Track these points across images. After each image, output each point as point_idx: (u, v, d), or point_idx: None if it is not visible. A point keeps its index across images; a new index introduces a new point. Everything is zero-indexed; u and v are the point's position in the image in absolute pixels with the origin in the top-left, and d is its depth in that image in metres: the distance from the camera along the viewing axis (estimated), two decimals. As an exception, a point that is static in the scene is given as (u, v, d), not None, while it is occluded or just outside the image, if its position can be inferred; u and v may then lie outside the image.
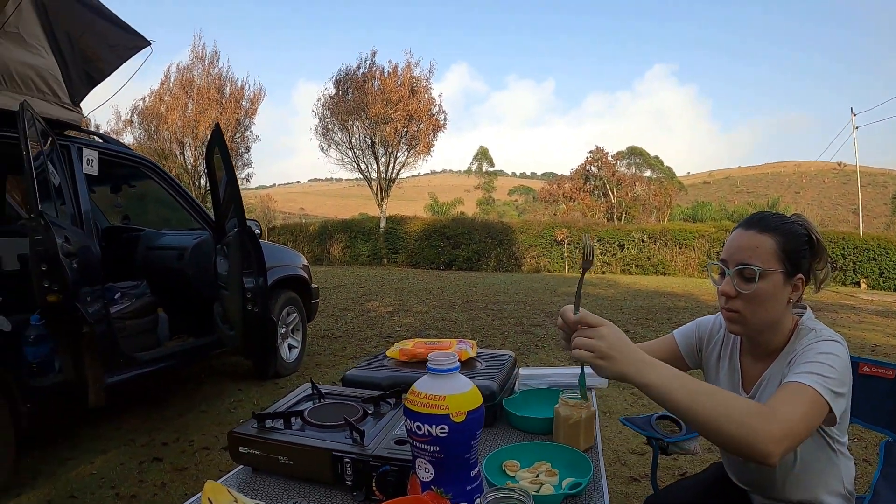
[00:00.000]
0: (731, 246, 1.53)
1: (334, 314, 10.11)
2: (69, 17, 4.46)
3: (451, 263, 23.21)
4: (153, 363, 4.53)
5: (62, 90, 4.48)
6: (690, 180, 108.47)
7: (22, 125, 3.35)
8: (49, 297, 3.30)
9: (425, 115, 26.58)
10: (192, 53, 26.62)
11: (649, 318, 9.87)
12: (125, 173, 5.84)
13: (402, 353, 2.05)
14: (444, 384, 1.07)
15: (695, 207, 51.26)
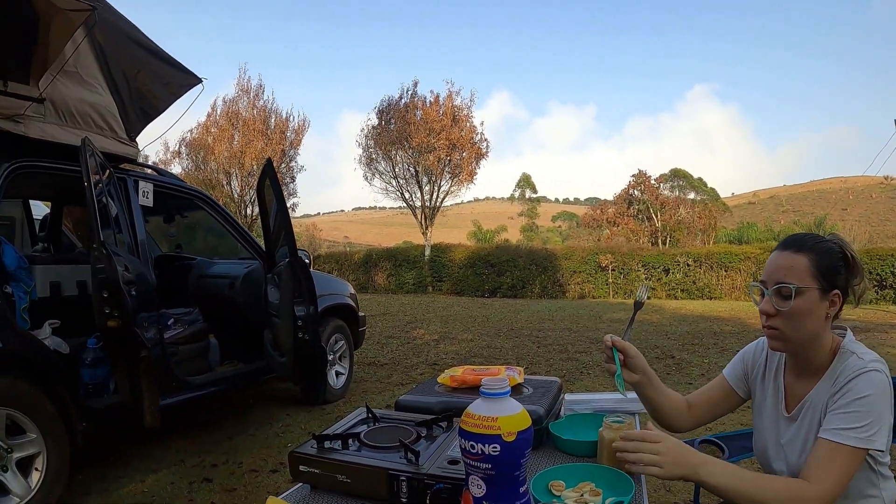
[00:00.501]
0: (769, 267, 1.60)
1: (380, 341, 10.19)
2: (125, 56, 4.66)
3: (496, 291, 23.15)
4: (204, 387, 4.70)
5: (119, 126, 4.68)
6: (735, 201, 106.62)
7: (84, 160, 3.51)
8: (109, 323, 3.43)
9: (468, 144, 26.73)
10: (238, 86, 27.22)
11: (695, 343, 9.75)
12: (178, 204, 6.05)
13: (452, 380, 2.12)
14: (496, 407, 1.13)
15: (740, 229, 50.21)
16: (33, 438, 3.45)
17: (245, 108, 26.83)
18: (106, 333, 3.52)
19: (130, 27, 4.60)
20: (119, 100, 4.68)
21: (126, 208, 4.41)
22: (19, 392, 3.43)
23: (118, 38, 4.53)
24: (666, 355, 8.65)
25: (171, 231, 7.03)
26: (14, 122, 3.93)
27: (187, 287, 5.79)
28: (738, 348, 8.93)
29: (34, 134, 4.05)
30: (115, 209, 4.06)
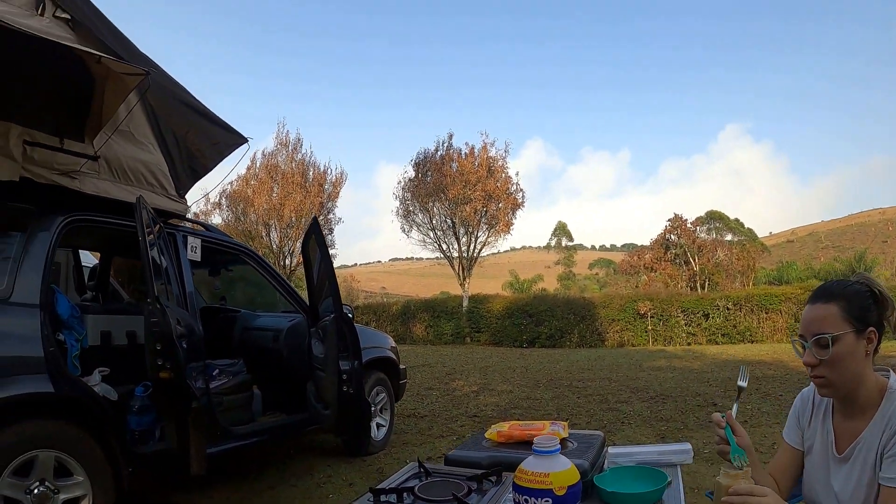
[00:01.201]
0: (805, 321, 1.69)
1: (420, 393, 10.18)
2: (175, 116, 4.85)
3: (534, 341, 22.98)
4: (247, 437, 4.76)
5: (169, 183, 4.85)
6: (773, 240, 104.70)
7: (139, 217, 3.66)
8: (162, 374, 3.54)
9: (503, 195, 26.85)
10: (277, 140, 27.73)
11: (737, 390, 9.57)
12: (224, 258, 6.19)
13: (499, 435, 2.17)
14: (548, 463, 1.19)
15: (779, 269, 49.28)
16: (80, 481, 3.55)
17: (284, 162, 27.30)
18: (158, 383, 3.62)
19: (179, 88, 4.79)
20: (169, 158, 4.86)
21: (175, 262, 4.55)
22: (68, 436, 3.54)
23: (168, 98, 4.71)
24: (707, 403, 8.51)
25: (216, 284, 7.20)
26: (70, 178, 4.10)
27: (232, 339, 5.92)
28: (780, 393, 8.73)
29: (89, 189, 4.22)
30: (166, 263, 4.19)
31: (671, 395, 9.18)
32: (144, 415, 4.25)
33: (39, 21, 3.63)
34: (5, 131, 3.74)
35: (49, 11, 3.74)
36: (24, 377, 3.42)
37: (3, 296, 3.51)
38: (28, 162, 3.88)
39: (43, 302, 3.65)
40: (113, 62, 3.71)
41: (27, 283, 3.62)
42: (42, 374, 3.49)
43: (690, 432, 6.68)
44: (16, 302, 3.54)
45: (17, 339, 3.49)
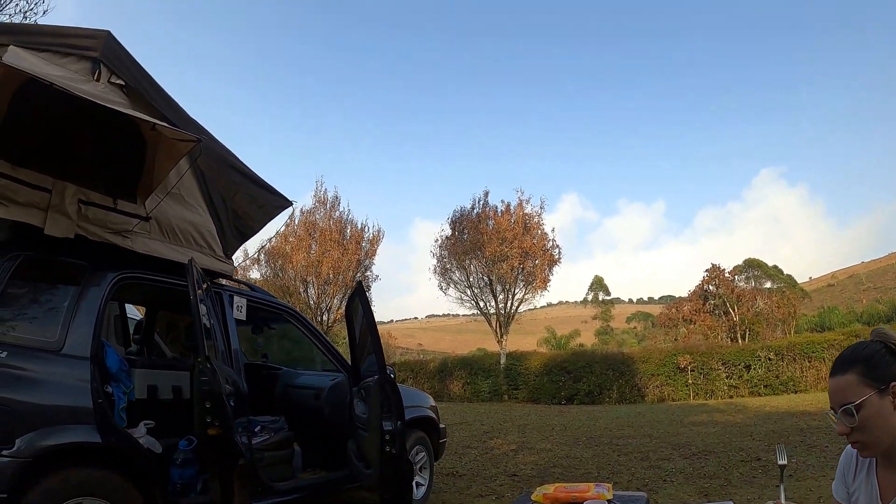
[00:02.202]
0: (830, 394, 1.78)
1: (458, 451, 10.12)
2: (222, 180, 5.03)
3: (573, 398, 22.65)
4: (288, 493, 4.83)
5: (217, 244, 5.01)
6: (813, 285, 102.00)
7: (191, 278, 3.79)
8: (210, 431, 3.61)
9: (540, 251, 26.86)
10: (315, 198, 28.09)
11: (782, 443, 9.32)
12: (268, 318, 6.32)
13: (545, 497, 2.20)
14: None
15: (821, 314, 47.95)
16: None
17: (322, 219, 27.60)
18: (205, 439, 3.69)
19: (227, 153, 4.98)
20: (217, 220, 5.03)
21: (222, 320, 4.68)
22: (113, 485, 3.65)
23: (216, 162, 4.90)
24: (751, 458, 8.33)
25: (259, 341, 7.32)
26: (122, 237, 4.28)
27: (273, 395, 6.00)
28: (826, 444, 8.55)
29: (140, 249, 4.38)
30: (213, 322, 4.31)
31: (714, 451, 9.01)
32: (187, 468, 4.34)
33: (95, 87, 3.85)
34: (62, 190, 3.92)
35: (104, 77, 3.96)
36: (73, 426, 3.56)
37: (56, 347, 3.66)
38: (83, 220, 4.06)
39: (93, 355, 3.78)
40: (167, 129, 3.89)
41: (79, 336, 3.76)
42: (90, 425, 3.62)
43: (734, 489, 6.55)
44: (67, 354, 3.69)
45: (68, 390, 3.63)
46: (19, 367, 3.49)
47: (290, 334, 8.51)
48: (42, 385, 3.54)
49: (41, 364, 3.59)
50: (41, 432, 3.38)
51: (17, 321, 3.71)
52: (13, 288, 3.73)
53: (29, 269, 3.83)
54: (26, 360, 3.54)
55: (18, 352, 3.53)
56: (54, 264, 4.02)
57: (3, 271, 3.66)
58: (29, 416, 3.39)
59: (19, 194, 3.75)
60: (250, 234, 5.52)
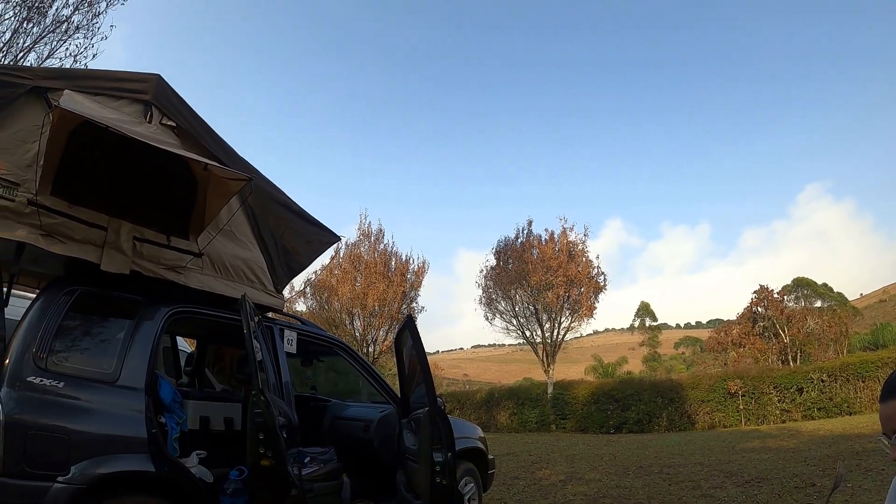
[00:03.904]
0: (882, 419, 1.76)
1: (506, 482, 10.06)
2: (272, 216, 5.17)
3: (621, 426, 22.36)
4: None
5: (267, 279, 5.15)
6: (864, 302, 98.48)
7: (245, 313, 3.91)
8: (263, 462, 3.69)
9: (585, 279, 26.73)
10: (359, 231, 28.33)
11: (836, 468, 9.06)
12: (318, 350, 6.42)
13: None
14: None
15: (874, 332, 46.24)
16: None
17: (366, 252, 27.83)
18: (257, 470, 3.77)
19: (276, 190, 5.12)
20: (267, 255, 5.17)
21: (273, 354, 4.78)
22: None
23: (265, 199, 5.04)
24: (806, 484, 8.14)
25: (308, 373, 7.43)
26: (176, 273, 4.42)
27: (322, 427, 6.07)
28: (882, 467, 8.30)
29: (193, 284, 4.52)
30: (264, 355, 4.41)
31: (767, 478, 8.81)
32: (238, 497, 4.41)
33: (147, 128, 4.01)
34: (117, 228, 4.08)
35: (156, 119, 4.13)
36: (127, 455, 3.68)
37: (111, 378, 3.79)
38: (137, 257, 4.21)
39: (147, 386, 3.90)
40: (218, 168, 4.03)
41: (133, 368, 3.89)
42: (144, 454, 3.74)
43: (789, 516, 6.40)
44: (123, 385, 3.82)
45: (123, 420, 3.76)
46: (75, 397, 3.62)
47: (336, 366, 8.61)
48: (97, 415, 3.67)
49: (97, 394, 3.73)
50: (96, 460, 3.50)
51: (73, 353, 3.85)
52: (70, 321, 3.87)
53: (85, 303, 3.98)
54: (82, 391, 3.68)
55: (75, 382, 3.67)
56: (110, 299, 4.16)
57: (60, 305, 3.81)
58: (84, 445, 3.51)
59: (76, 231, 3.91)
60: (299, 270, 5.65)
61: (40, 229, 3.75)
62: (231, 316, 4.50)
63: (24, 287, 5.01)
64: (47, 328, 3.71)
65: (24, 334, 3.70)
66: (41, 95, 3.73)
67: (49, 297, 3.89)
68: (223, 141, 4.58)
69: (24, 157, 3.71)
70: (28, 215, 3.70)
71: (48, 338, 3.68)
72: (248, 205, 4.84)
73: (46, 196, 3.78)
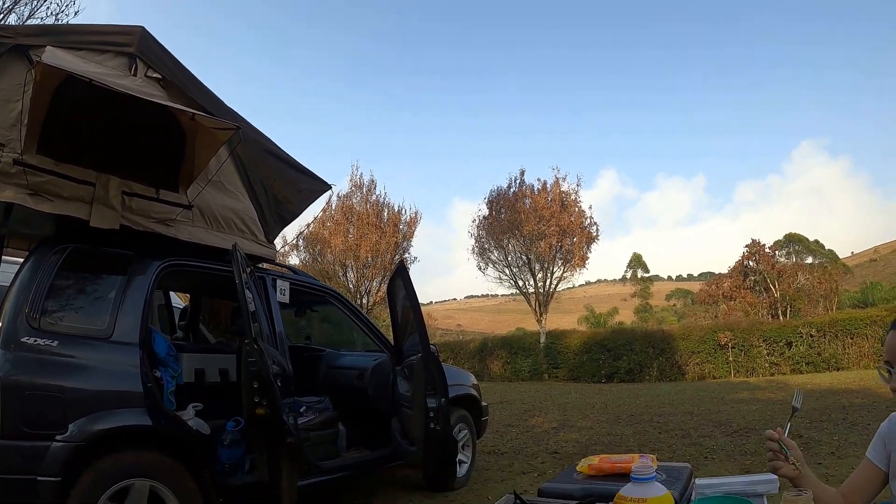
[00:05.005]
0: (890, 347, 1.69)
1: (499, 430, 10.19)
2: (262, 166, 5.10)
3: (613, 376, 22.59)
4: (333, 471, 4.94)
5: (258, 230, 5.10)
6: (855, 260, 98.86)
7: (235, 262, 3.88)
8: (258, 411, 3.71)
9: (577, 229, 26.74)
10: (351, 182, 28.14)
11: (823, 420, 9.21)
12: (311, 300, 6.41)
13: (590, 468, 2.24)
14: (645, 489, 1.27)
15: (864, 290, 46.52)
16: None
17: (359, 203, 27.68)
18: (252, 420, 3.79)
19: (265, 139, 5.04)
20: (258, 206, 5.11)
21: (266, 304, 4.77)
22: (163, 466, 3.79)
23: (255, 149, 4.97)
24: (793, 435, 8.21)
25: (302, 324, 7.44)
26: (166, 226, 4.37)
27: (317, 377, 6.10)
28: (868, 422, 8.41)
29: (183, 237, 4.48)
30: (257, 305, 4.40)
31: (755, 428, 8.91)
32: (235, 448, 4.46)
33: (133, 81, 3.94)
34: (105, 183, 4.02)
35: (141, 72, 4.06)
36: (124, 410, 3.69)
37: (105, 335, 3.79)
38: (127, 211, 4.16)
39: (142, 340, 3.90)
40: (206, 118, 3.97)
41: (127, 323, 3.88)
42: (140, 408, 3.75)
43: (776, 466, 6.49)
44: (116, 340, 3.81)
45: (118, 375, 3.77)
46: (70, 356, 3.63)
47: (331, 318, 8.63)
48: (93, 371, 3.68)
49: (91, 351, 3.73)
50: (93, 417, 3.52)
51: (66, 311, 3.84)
52: (61, 280, 3.86)
53: (76, 261, 3.96)
54: (77, 349, 3.68)
55: (69, 340, 3.67)
56: (101, 255, 4.14)
57: (51, 264, 3.79)
58: (81, 402, 3.53)
59: (64, 189, 3.86)
60: (291, 219, 5.60)
61: (27, 189, 3.70)
62: (223, 268, 4.48)
63: (16, 250, 4.98)
64: (39, 288, 3.70)
65: (16, 295, 3.69)
66: (23, 53, 3.65)
67: (39, 257, 3.87)
68: (209, 91, 4.50)
69: (8, 117, 3.65)
70: (14, 175, 3.65)
71: (40, 298, 3.67)
72: (237, 154, 4.78)
73: (32, 155, 3.73)
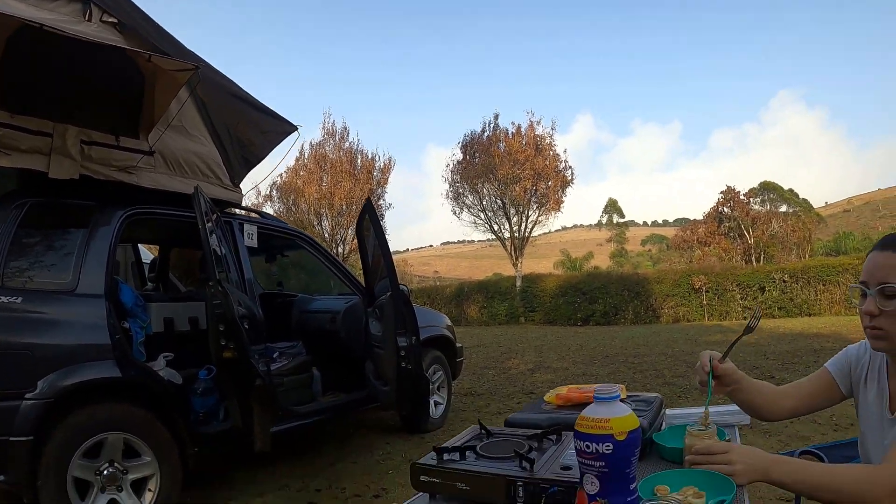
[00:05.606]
0: (870, 267, 1.58)
1: (476, 372, 10.27)
2: (225, 108, 4.95)
3: (589, 319, 22.85)
4: (308, 416, 4.92)
5: (223, 173, 4.98)
6: (829, 210, 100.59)
7: (197, 205, 3.77)
8: (225, 354, 3.65)
9: (552, 173, 26.72)
10: (324, 130, 27.91)
11: (795, 362, 9.39)
12: (280, 244, 6.33)
13: (558, 398, 2.20)
14: (608, 409, 1.22)
15: (836, 239, 47.77)
16: (148, 461, 3.76)
17: (332, 151, 27.47)
18: (222, 364, 3.74)
19: (227, 81, 4.88)
20: (222, 149, 4.98)
21: (233, 249, 4.68)
22: (136, 418, 3.74)
23: (217, 91, 4.81)
24: (766, 376, 8.35)
25: (273, 269, 7.35)
26: (127, 173, 4.25)
27: (290, 322, 6.05)
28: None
29: (146, 183, 4.35)
30: (225, 250, 4.31)
31: (727, 369, 9.03)
32: (208, 397, 4.43)
33: (88, 26, 3.77)
34: (63, 133, 3.88)
35: (96, 17, 3.88)
36: (93, 363, 3.61)
37: (69, 288, 3.69)
38: (86, 160, 4.02)
39: (107, 292, 3.81)
40: (162, 59, 3.82)
41: (92, 275, 3.78)
42: (109, 360, 3.67)
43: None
44: (81, 293, 3.71)
45: (85, 328, 3.68)
46: (35, 311, 3.52)
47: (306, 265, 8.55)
48: (59, 326, 3.59)
49: (57, 306, 3.63)
50: (62, 372, 3.44)
51: (29, 267, 3.72)
52: (23, 235, 3.73)
53: (37, 215, 3.83)
54: (42, 304, 3.58)
55: (33, 296, 3.57)
56: (62, 208, 4.01)
57: (10, 220, 3.67)
58: (49, 358, 3.45)
59: (21, 142, 3.72)
60: (256, 162, 5.46)
61: (-17, 144, 3.57)
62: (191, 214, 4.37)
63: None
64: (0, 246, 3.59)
65: (-24, 254, 3.58)
66: (-28, 5, 3.48)
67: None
68: (168, 34, 4.32)
69: (-41, 72, 3.48)
70: (-31, 131, 3.50)
71: (2, 255, 3.54)
72: (198, 97, 4.63)
73: (-14, 109, 3.58)
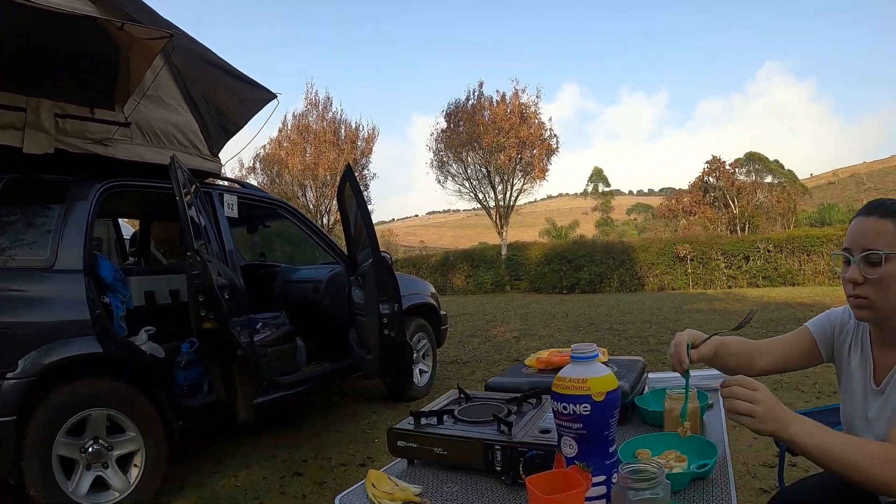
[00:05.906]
0: (854, 233, 1.54)
1: (461, 340, 10.29)
2: (202, 77, 4.86)
3: (574, 287, 22.86)
4: (293, 386, 4.91)
5: (201, 143, 4.90)
6: (814, 182, 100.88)
7: (174, 176, 3.72)
8: (205, 325, 3.62)
9: (537, 141, 26.62)
10: (307, 100, 27.64)
11: (778, 331, 9.35)
12: (262, 214, 6.28)
13: (538, 362, 2.19)
14: (586, 370, 1.20)
15: (821, 211, 48.09)
16: (132, 437, 3.74)
17: (315, 121, 27.25)
18: (202, 335, 3.71)
19: (203, 49, 4.79)
20: (199, 118, 4.89)
21: (213, 220, 4.62)
22: (119, 394, 3.72)
23: (194, 60, 4.72)
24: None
25: (255, 240, 7.30)
26: (103, 146, 4.17)
27: (273, 293, 6.04)
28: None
29: (122, 155, 4.28)
30: (204, 221, 4.26)
31: (711, 337, 9.10)
32: (191, 370, 4.41)
33: (58, -3, 3.67)
34: (36, 107, 3.82)
35: (67, -14, 3.77)
36: (73, 340, 3.56)
37: (47, 264, 3.64)
38: (61, 133, 3.96)
39: (86, 267, 3.76)
40: (136, 28, 3.73)
41: (70, 251, 3.73)
42: (90, 336, 3.63)
43: (733, 372, 6.65)
44: (60, 269, 3.66)
45: (64, 304, 3.63)
46: (13, 289, 3.48)
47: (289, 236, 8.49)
48: (38, 303, 3.54)
49: (35, 283, 3.58)
50: (43, 350, 3.40)
51: (6, 245, 3.66)
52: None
53: (12, 191, 3.76)
54: (20, 282, 3.53)
55: (11, 274, 3.52)
56: (38, 183, 3.94)
57: None
58: (29, 336, 3.41)
59: (-6, 119, 3.66)
60: (235, 130, 5.37)
61: (-45, 122, 3.50)
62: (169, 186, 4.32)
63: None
64: (-25, 225, 3.53)
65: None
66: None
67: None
68: (143, 3, 4.24)
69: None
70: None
71: (-23, 233, 3.51)
72: (174, 66, 4.54)
73: (-43, 87, 3.50)
